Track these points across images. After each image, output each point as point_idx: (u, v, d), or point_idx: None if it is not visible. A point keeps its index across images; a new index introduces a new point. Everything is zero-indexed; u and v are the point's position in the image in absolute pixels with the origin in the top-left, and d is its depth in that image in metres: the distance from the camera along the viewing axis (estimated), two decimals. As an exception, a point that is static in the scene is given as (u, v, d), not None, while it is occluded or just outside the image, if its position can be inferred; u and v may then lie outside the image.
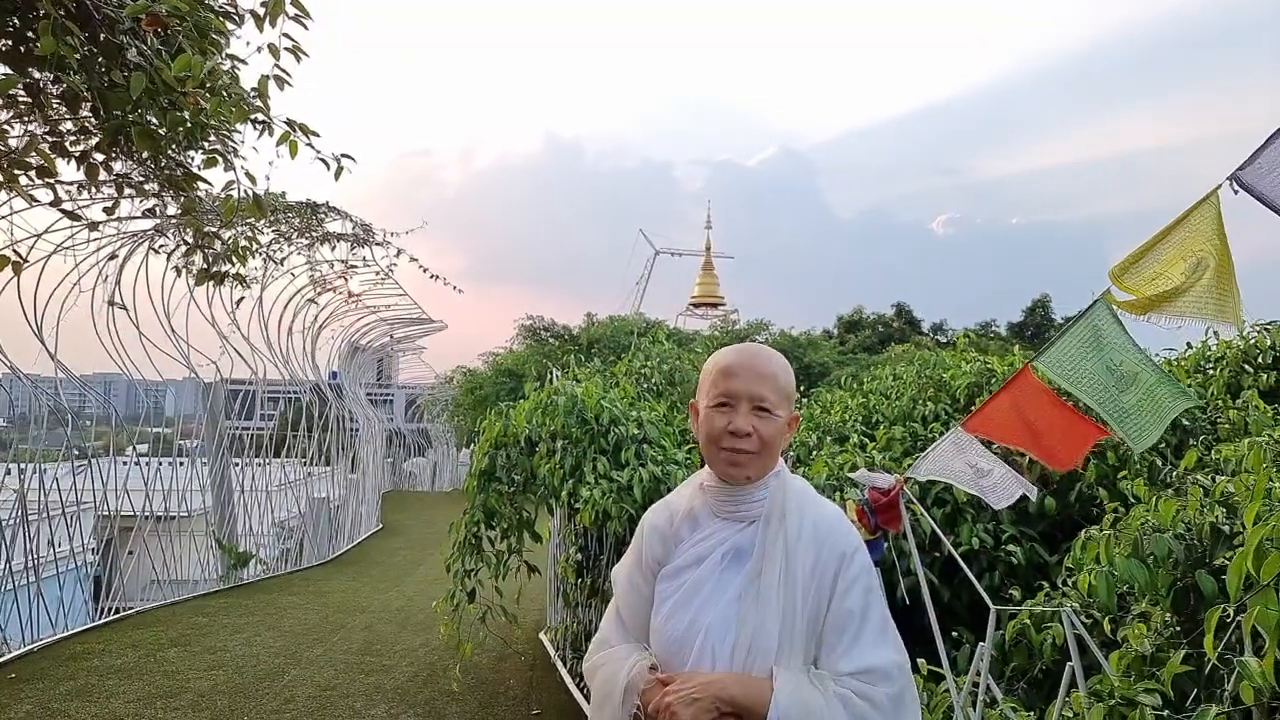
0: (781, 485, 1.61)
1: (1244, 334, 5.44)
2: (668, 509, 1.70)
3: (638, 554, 1.69)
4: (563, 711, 5.72)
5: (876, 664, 1.46)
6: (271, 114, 2.79)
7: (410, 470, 37.77)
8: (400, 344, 21.95)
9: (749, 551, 1.56)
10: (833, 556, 1.53)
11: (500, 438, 5.32)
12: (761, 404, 1.55)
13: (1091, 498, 3.86)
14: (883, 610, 1.54)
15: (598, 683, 1.65)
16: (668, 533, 1.66)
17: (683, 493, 1.72)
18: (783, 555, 1.52)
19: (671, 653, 1.56)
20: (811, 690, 1.45)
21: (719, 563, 1.57)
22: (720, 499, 1.62)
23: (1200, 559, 2.17)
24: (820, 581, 1.51)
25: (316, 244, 12.09)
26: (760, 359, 1.61)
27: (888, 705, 1.45)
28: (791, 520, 1.56)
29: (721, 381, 1.59)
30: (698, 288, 56.16)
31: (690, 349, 8.18)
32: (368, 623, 8.52)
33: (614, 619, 1.71)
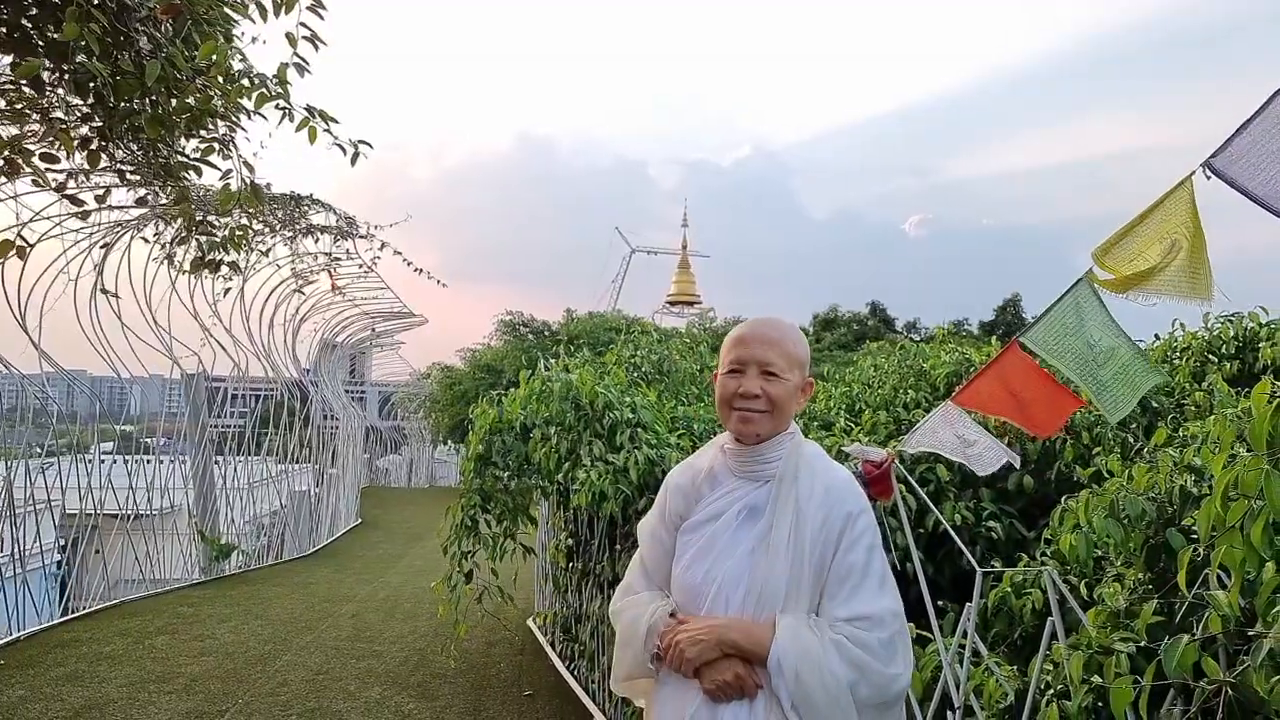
0: (795, 448, 1.73)
1: (1209, 325, 5.69)
2: (690, 468, 1.83)
3: (661, 508, 1.83)
4: (554, 692, 5.85)
5: (871, 611, 1.58)
6: (291, 101, 2.88)
7: (385, 467, 37.63)
8: (380, 338, 21.87)
9: (763, 509, 1.68)
10: (840, 515, 1.65)
11: (495, 424, 5.43)
12: (769, 368, 1.68)
13: (1068, 476, 4.05)
14: (884, 565, 1.66)
15: (622, 625, 1.78)
16: (689, 490, 1.79)
17: (705, 453, 1.85)
18: (794, 513, 1.64)
19: (689, 599, 1.70)
20: (809, 634, 1.57)
21: (735, 518, 1.69)
22: (738, 459, 1.74)
23: (1170, 519, 2.34)
24: (827, 537, 1.63)
25: (300, 236, 12.10)
26: (769, 327, 1.74)
27: (879, 649, 1.56)
28: (804, 481, 1.67)
29: (734, 349, 1.73)
30: (674, 286, 56.41)
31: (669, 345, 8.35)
32: (354, 611, 8.58)
33: (639, 568, 1.85)
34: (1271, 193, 2.01)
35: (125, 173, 4.77)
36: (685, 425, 5.36)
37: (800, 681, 1.53)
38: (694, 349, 7.96)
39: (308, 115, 2.88)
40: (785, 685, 1.54)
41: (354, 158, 3.03)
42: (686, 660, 1.61)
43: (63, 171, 4.87)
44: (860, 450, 3.00)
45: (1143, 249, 2.23)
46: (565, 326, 25.34)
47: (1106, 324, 2.37)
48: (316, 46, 2.93)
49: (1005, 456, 2.74)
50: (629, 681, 1.79)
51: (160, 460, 11.56)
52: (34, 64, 2.90)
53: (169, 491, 11.46)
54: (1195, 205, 2.13)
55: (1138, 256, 2.24)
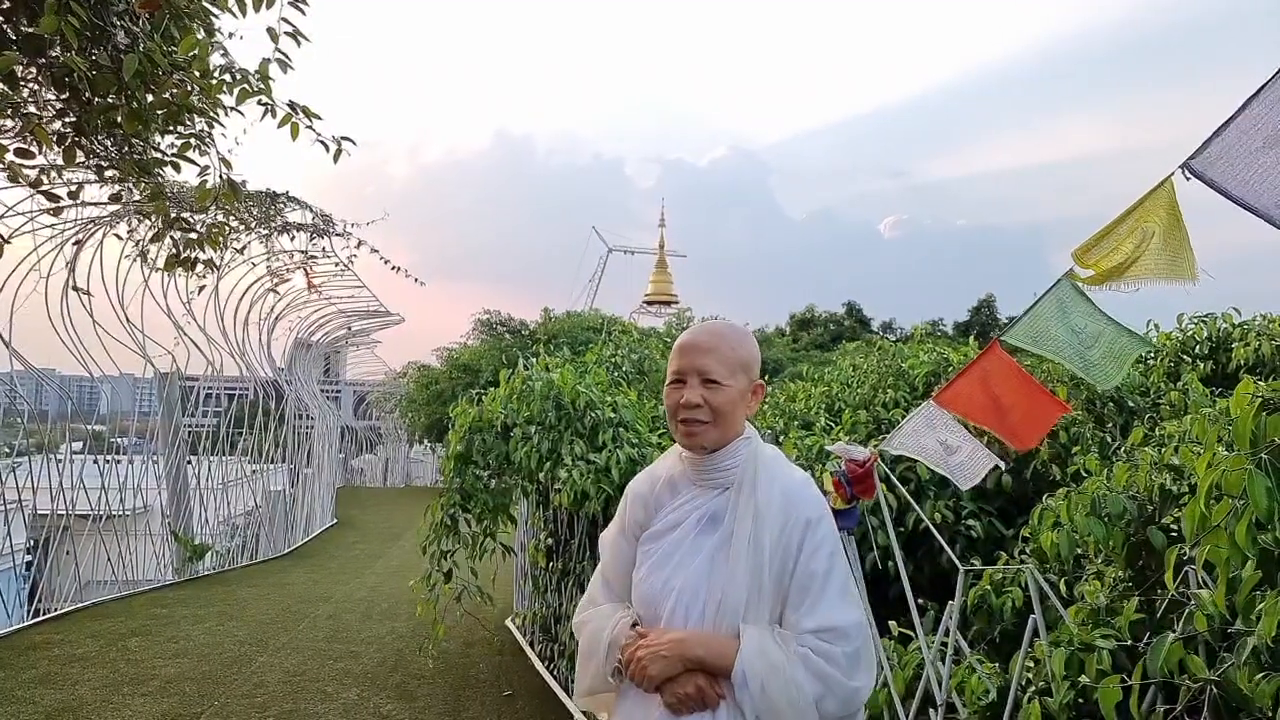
0: (752, 454, 1.69)
1: (1182, 327, 5.79)
2: (650, 477, 1.80)
3: (621, 518, 1.80)
4: (533, 693, 5.83)
5: (837, 623, 1.55)
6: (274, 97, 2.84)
7: (360, 467, 37.34)
8: (356, 337, 21.68)
9: (722, 516, 1.65)
10: (798, 522, 1.61)
11: (476, 423, 5.40)
12: (709, 376, 1.63)
13: (1045, 475, 4.10)
14: (845, 573, 1.63)
15: (584, 638, 1.75)
16: (649, 498, 1.75)
17: (664, 462, 1.82)
18: (752, 520, 1.61)
19: (648, 609, 1.66)
20: (774, 647, 1.54)
21: (694, 527, 1.67)
22: (695, 467, 1.70)
23: (1150, 517, 2.38)
24: (787, 545, 1.59)
25: (275, 234, 11.97)
26: (706, 334, 1.69)
27: (844, 662, 1.53)
28: (761, 487, 1.64)
29: (674, 360, 1.70)
30: (651, 285, 56.42)
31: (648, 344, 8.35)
32: (331, 612, 8.49)
33: (600, 579, 1.82)
34: (1249, 193, 2.04)
35: (102, 168, 4.69)
36: (665, 425, 5.37)
37: (766, 695, 1.51)
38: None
39: (290, 111, 2.85)
40: (750, 698, 1.52)
41: (336, 154, 3.00)
42: (649, 678, 1.58)
43: (35, 167, 4.78)
44: (844, 449, 3.01)
45: (1119, 244, 2.27)
46: (543, 326, 25.25)
47: (1091, 313, 2.42)
48: (299, 42, 2.89)
49: (988, 465, 2.76)
50: (591, 695, 1.77)
51: (132, 460, 11.39)
52: (9, 58, 2.84)
53: (141, 492, 11.29)
54: (1175, 202, 2.17)
55: (1115, 251, 2.28)
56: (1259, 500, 1.43)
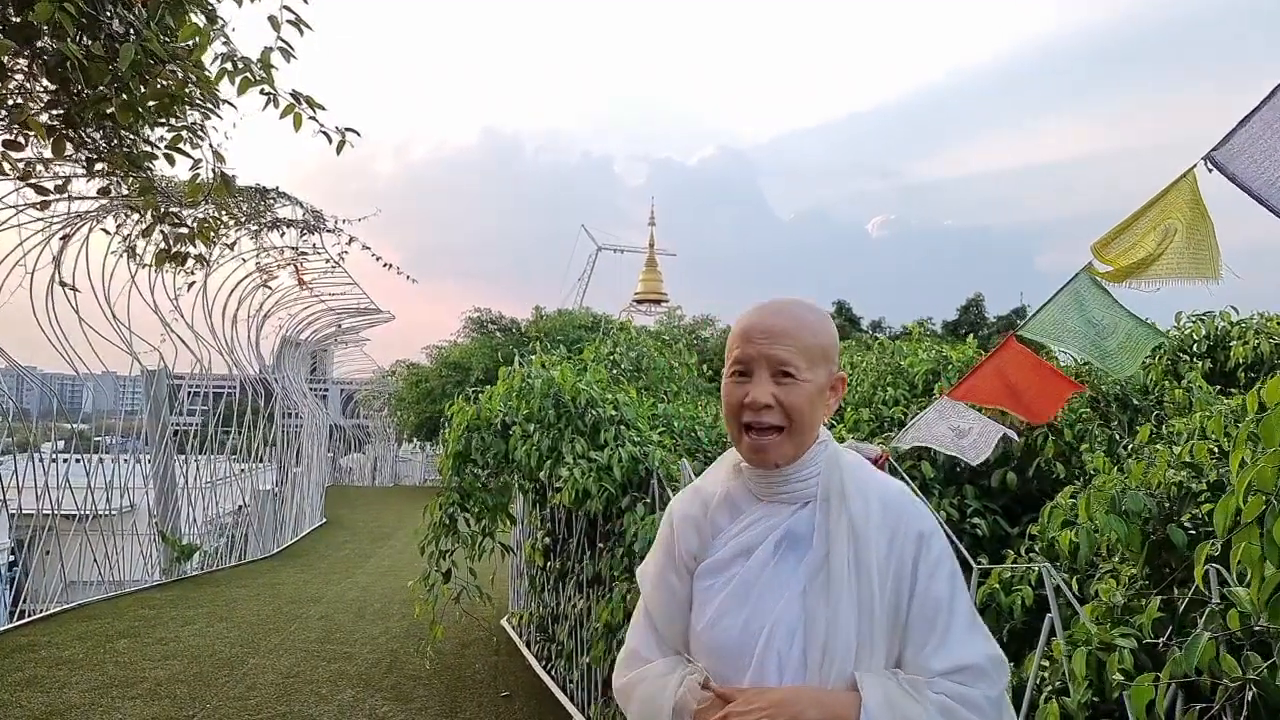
0: (833, 459, 1.38)
1: (1180, 325, 5.80)
2: (698, 495, 1.46)
3: (668, 548, 1.45)
4: (531, 693, 5.78)
5: (973, 660, 1.26)
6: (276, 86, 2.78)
7: (348, 466, 37.13)
8: (345, 334, 21.54)
9: (806, 537, 1.33)
10: (909, 538, 1.32)
11: (474, 421, 5.34)
12: (784, 368, 1.31)
13: (1049, 474, 4.08)
14: (968, 597, 1.35)
15: (635, 705, 1.40)
16: (702, 521, 1.42)
17: (714, 475, 1.49)
18: (849, 539, 1.30)
19: (725, 662, 1.32)
20: (905, 699, 1.24)
21: (772, 552, 1.33)
22: (762, 481, 1.38)
23: (1169, 515, 2.35)
24: (899, 568, 1.30)
25: (265, 229, 11.85)
26: (780, 315, 1.36)
27: (989, 709, 1.25)
28: (855, 499, 1.33)
29: (737, 345, 1.36)
30: (641, 284, 56.42)
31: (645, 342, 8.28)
32: (324, 613, 8.41)
33: (644, 628, 1.45)
34: (1273, 192, 2.02)
35: (90, 161, 4.60)
36: (665, 423, 5.32)
37: None
38: (670, 346, 7.92)
39: (293, 101, 2.79)
40: None
41: (340, 146, 2.94)
42: None
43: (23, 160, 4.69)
44: (857, 447, 2.98)
45: (1140, 239, 2.25)
46: (534, 324, 25.19)
47: (1109, 305, 2.42)
48: (301, 30, 2.83)
49: (998, 435, 2.75)
50: None
51: (118, 459, 11.25)
52: (2, 45, 2.77)
53: (128, 491, 11.15)
54: (1199, 195, 2.14)
55: (1135, 246, 2.26)
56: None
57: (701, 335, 23.89)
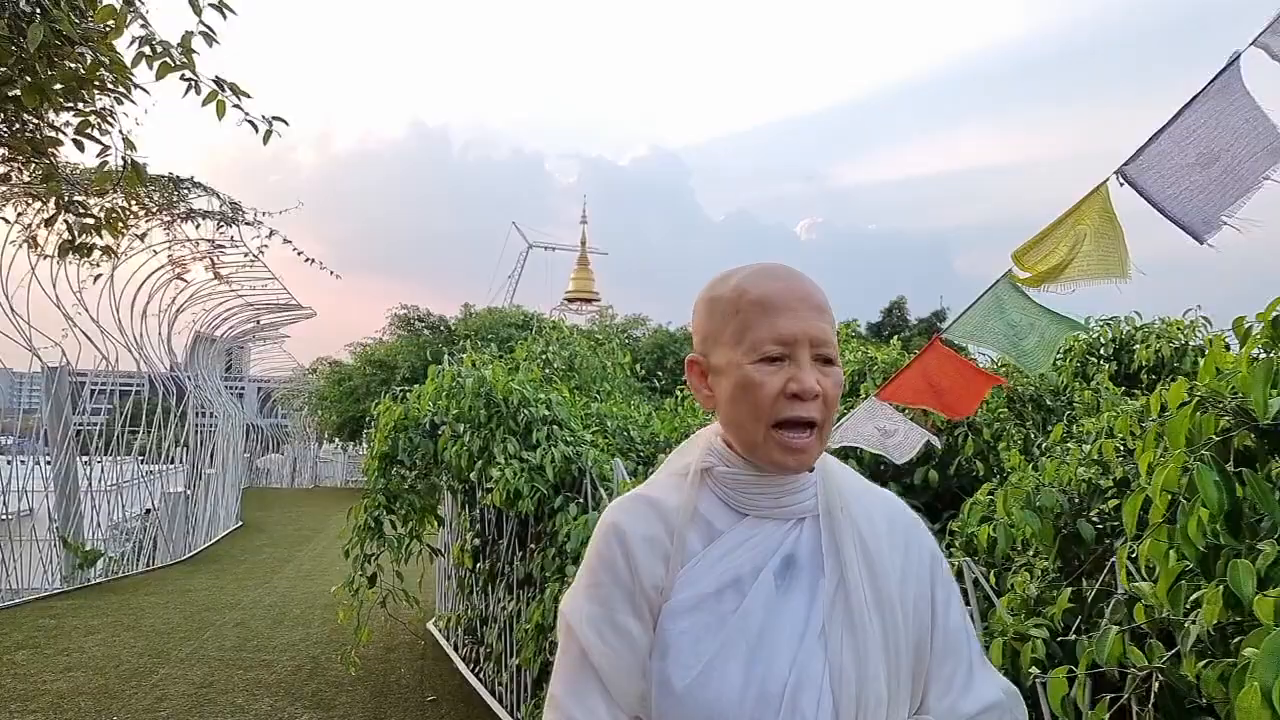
0: (823, 465, 1.13)
1: (1089, 328, 6.09)
2: (654, 509, 1.10)
3: (620, 579, 1.07)
4: (457, 696, 5.70)
5: (997, 697, 1.11)
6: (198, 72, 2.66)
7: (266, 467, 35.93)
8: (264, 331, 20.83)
9: (809, 562, 1.07)
10: (923, 560, 1.13)
11: (401, 421, 5.23)
12: (825, 350, 1.06)
13: (969, 471, 4.24)
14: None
15: None
16: (668, 545, 1.08)
17: (665, 483, 1.15)
18: (863, 563, 1.07)
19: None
20: None
21: (773, 580, 1.05)
22: (752, 491, 1.09)
23: (1079, 510, 2.47)
24: (918, 596, 1.10)
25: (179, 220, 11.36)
26: (807, 282, 1.10)
27: None
28: (860, 513, 1.11)
29: (764, 319, 1.05)
30: (572, 282, 56.30)
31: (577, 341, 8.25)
32: (240, 619, 8.11)
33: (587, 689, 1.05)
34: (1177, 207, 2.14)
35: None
36: (598, 422, 5.32)
37: None
38: (603, 345, 7.92)
39: (216, 88, 2.68)
40: None
41: (267, 135, 2.84)
42: None
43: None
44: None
45: (1055, 247, 2.36)
46: (463, 322, 24.84)
47: (1026, 307, 2.54)
48: (225, 14, 2.72)
49: (923, 439, 2.84)
50: None
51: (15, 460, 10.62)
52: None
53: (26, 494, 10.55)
54: (1110, 205, 2.25)
55: (1050, 254, 2.38)
56: (1210, 494, 1.49)
57: (633, 334, 23.97)
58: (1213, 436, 1.65)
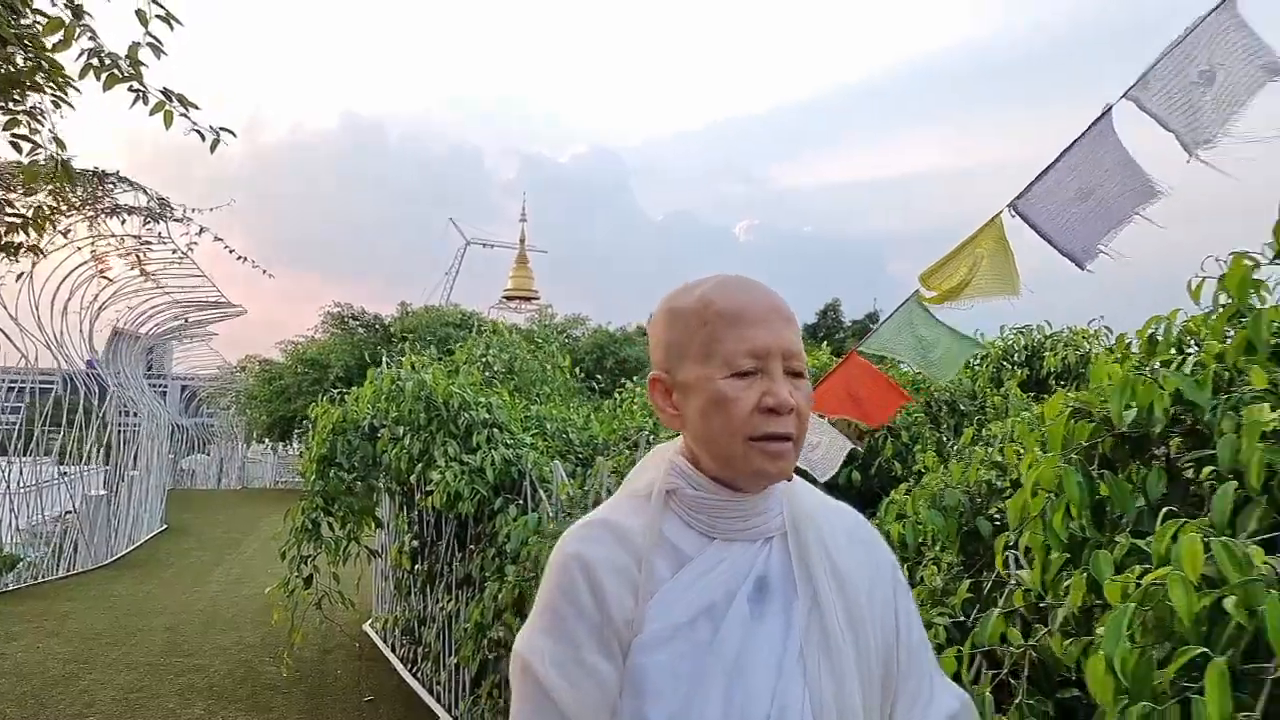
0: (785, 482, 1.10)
1: (1004, 336, 6.47)
2: (617, 535, 1.04)
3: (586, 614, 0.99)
4: (395, 696, 5.75)
5: (956, 707, 1.12)
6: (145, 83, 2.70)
7: (191, 468, 34.80)
8: (192, 329, 20.25)
9: (780, 584, 1.04)
10: (885, 572, 1.13)
11: (340, 424, 5.27)
12: (796, 363, 1.04)
13: (889, 472, 4.50)
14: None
15: None
16: (636, 575, 1.01)
17: (625, 506, 1.09)
18: (832, 581, 1.05)
19: None
20: None
21: (747, 605, 1.01)
22: (721, 514, 1.05)
23: (979, 508, 2.71)
24: (884, 612, 1.09)
25: (104, 216, 11.03)
26: (773, 294, 1.08)
27: None
28: (825, 529, 1.09)
29: (734, 332, 1.02)
30: (511, 281, 55.89)
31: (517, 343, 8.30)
32: (169, 624, 7.96)
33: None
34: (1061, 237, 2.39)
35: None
36: (538, 425, 5.44)
37: None
38: (542, 347, 8.02)
39: (163, 99, 2.72)
40: None
41: (214, 145, 2.89)
42: None
43: None
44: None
45: (956, 269, 2.60)
46: (399, 320, 24.53)
47: (932, 324, 2.79)
48: (172, 26, 2.77)
49: (844, 451, 3.05)
50: None
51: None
52: None
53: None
54: (1003, 234, 2.50)
55: (952, 275, 2.62)
56: (1073, 493, 1.71)
57: (573, 334, 24.01)
58: (1081, 443, 1.88)
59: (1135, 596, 1.41)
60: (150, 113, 2.70)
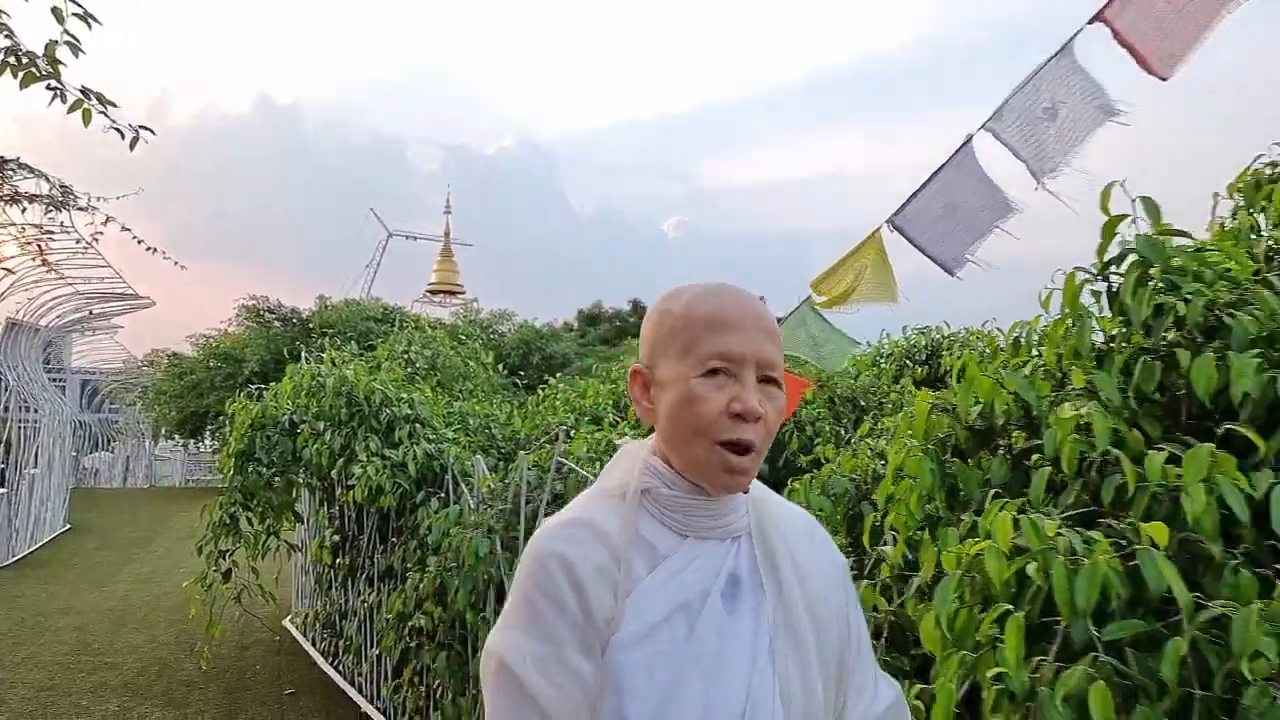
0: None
1: (907, 335, 6.87)
2: (595, 534, 1.05)
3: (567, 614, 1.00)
4: (317, 689, 5.79)
5: (894, 695, 1.19)
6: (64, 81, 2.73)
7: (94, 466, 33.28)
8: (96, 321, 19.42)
9: (748, 580, 1.08)
10: (838, 569, 1.18)
11: (259, 420, 5.28)
12: (771, 372, 1.06)
13: (794, 463, 4.79)
14: None
15: None
16: (615, 572, 1.03)
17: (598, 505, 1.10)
18: (795, 577, 1.10)
19: None
20: None
21: (720, 601, 1.05)
22: (694, 513, 1.08)
23: (863, 494, 2.99)
24: (838, 604, 1.15)
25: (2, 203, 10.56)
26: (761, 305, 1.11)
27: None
28: (786, 530, 1.14)
29: (713, 336, 1.05)
30: (435, 274, 54.97)
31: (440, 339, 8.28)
32: (78, 624, 7.75)
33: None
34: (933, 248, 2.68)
35: None
36: (460, 420, 5.55)
37: None
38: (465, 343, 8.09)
39: (81, 97, 2.75)
40: None
41: (133, 143, 2.92)
42: None
43: None
44: (627, 445, 3.42)
45: (843, 277, 2.88)
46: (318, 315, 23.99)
47: (823, 326, 3.07)
48: (90, 24, 2.81)
49: None
50: None
51: None
52: None
53: None
54: (883, 247, 2.78)
55: (839, 283, 2.90)
56: (925, 478, 1.97)
57: (499, 330, 23.92)
58: (937, 434, 2.15)
59: (964, 565, 1.66)
60: (69, 110, 2.73)
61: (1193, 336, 1.92)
